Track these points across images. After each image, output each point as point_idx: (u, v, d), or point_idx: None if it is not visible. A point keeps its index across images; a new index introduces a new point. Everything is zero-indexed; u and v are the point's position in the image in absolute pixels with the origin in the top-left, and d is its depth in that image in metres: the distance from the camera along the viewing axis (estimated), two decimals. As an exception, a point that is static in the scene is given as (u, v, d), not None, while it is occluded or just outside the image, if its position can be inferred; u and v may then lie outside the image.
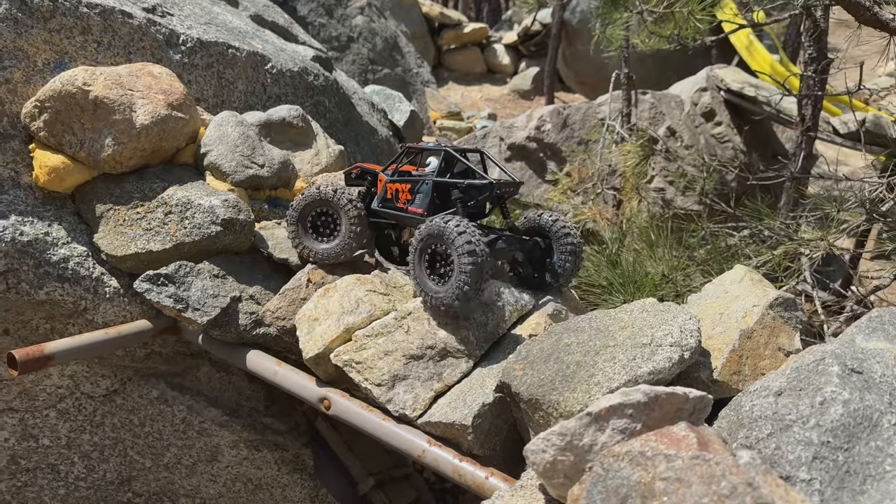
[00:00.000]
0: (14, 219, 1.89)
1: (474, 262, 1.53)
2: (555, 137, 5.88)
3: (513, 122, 6.00)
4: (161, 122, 1.99)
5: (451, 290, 1.57)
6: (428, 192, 1.82)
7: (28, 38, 2.01)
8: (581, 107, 6.12)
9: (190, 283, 1.88)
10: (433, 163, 1.88)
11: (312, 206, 1.94)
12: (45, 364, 1.75)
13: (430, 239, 1.62)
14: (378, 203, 1.94)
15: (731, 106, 6.43)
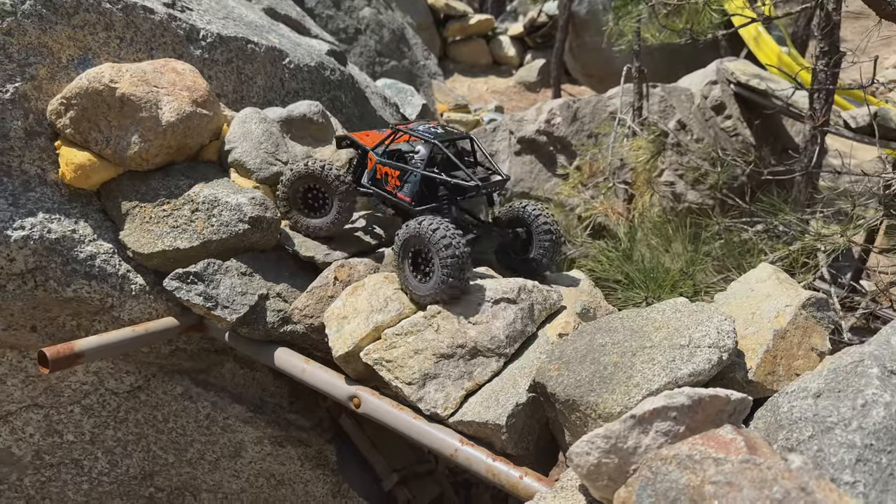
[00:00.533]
0: (41, 216, 1.89)
1: (452, 254, 1.62)
2: (565, 131, 5.86)
3: (523, 115, 5.98)
4: (186, 120, 1.99)
5: (433, 286, 1.67)
6: (416, 183, 1.86)
7: (52, 34, 2.00)
8: (591, 100, 6.09)
9: (218, 281, 1.88)
10: (422, 152, 1.90)
11: (302, 181, 1.99)
12: (74, 362, 1.75)
13: (410, 241, 1.71)
14: (368, 180, 2.00)
15: (741, 99, 6.41)
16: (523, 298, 1.74)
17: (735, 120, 6.53)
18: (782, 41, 8.75)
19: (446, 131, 1.92)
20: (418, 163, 1.87)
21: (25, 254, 1.85)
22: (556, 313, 1.81)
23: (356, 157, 2.08)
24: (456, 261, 1.62)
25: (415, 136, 1.90)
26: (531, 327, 1.72)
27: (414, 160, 1.90)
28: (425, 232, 1.65)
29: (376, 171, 1.96)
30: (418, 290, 1.72)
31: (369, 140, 2.06)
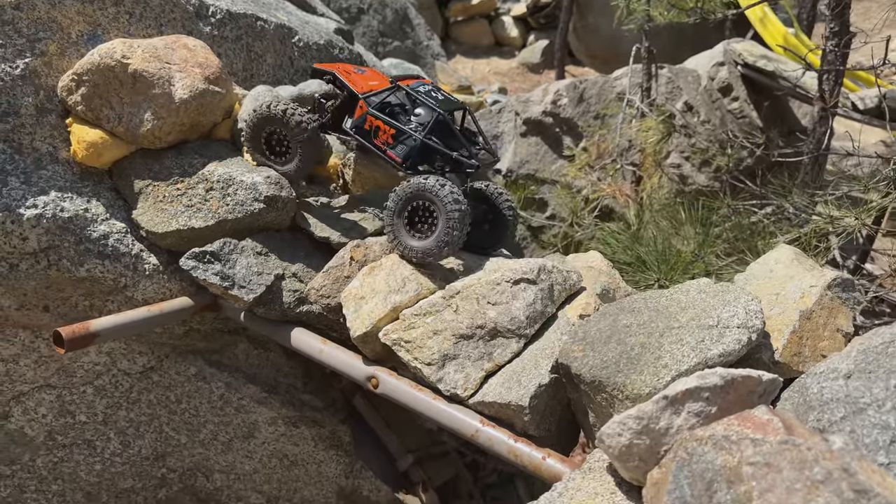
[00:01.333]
0: (54, 195, 1.86)
1: (459, 209, 1.66)
2: (571, 112, 5.81)
3: (528, 96, 5.92)
4: (199, 97, 1.95)
5: (434, 241, 1.69)
6: (414, 147, 1.82)
7: (62, 9, 1.96)
8: (598, 80, 6.04)
9: (235, 261, 1.86)
10: (423, 116, 1.85)
11: (263, 123, 1.91)
12: (90, 342, 1.73)
13: (413, 197, 1.71)
14: (351, 127, 1.91)
15: (748, 81, 6.34)
16: (543, 279, 1.72)
17: (742, 102, 6.48)
18: (788, 22, 8.66)
19: (446, 98, 1.89)
20: (418, 127, 1.83)
21: (38, 233, 1.82)
22: (576, 294, 1.79)
23: (338, 98, 1.97)
24: (462, 216, 1.67)
25: (418, 99, 1.85)
26: (551, 308, 1.71)
27: (412, 123, 1.85)
28: (433, 187, 1.67)
29: (365, 120, 1.89)
30: (415, 247, 1.73)
31: (358, 83, 1.94)
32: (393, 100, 1.91)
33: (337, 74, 1.96)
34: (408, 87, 1.87)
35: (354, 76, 1.98)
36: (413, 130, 1.81)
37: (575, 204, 4.84)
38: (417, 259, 1.75)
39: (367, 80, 1.98)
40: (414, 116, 1.87)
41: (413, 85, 1.89)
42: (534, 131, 5.88)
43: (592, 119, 5.94)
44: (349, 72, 2.00)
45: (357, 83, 1.94)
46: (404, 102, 1.92)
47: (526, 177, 5.75)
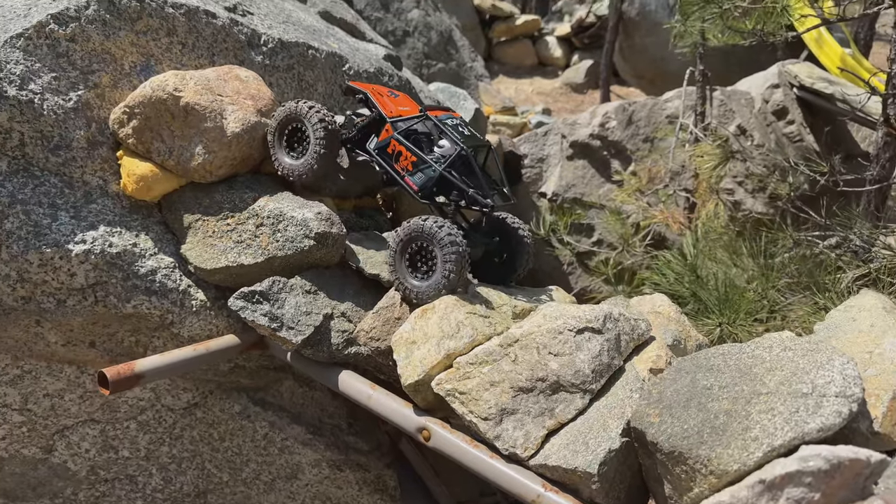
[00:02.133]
0: (103, 229, 1.83)
1: (456, 251, 1.68)
2: (619, 135, 5.68)
3: (575, 119, 5.81)
4: (251, 130, 1.91)
5: (435, 282, 1.71)
6: (432, 178, 1.84)
7: (116, 40, 1.94)
8: (647, 103, 5.89)
9: (283, 300, 1.79)
10: (446, 148, 1.87)
11: (288, 120, 1.94)
12: (135, 383, 1.68)
13: (412, 239, 1.74)
14: (375, 148, 1.94)
15: (804, 103, 6.12)
16: (609, 328, 1.60)
17: (798, 125, 6.24)
18: (845, 42, 8.37)
19: (472, 135, 1.90)
20: (439, 158, 1.84)
21: (86, 268, 1.79)
22: (645, 344, 1.67)
23: (367, 118, 2.00)
24: (459, 257, 1.68)
25: (444, 131, 1.86)
26: (618, 360, 1.59)
27: (435, 154, 1.87)
28: (430, 228, 1.69)
29: (390, 143, 1.91)
30: (416, 288, 1.75)
31: (388, 107, 1.98)
32: (420, 128, 1.93)
33: (369, 95, 1.99)
34: (436, 118, 1.88)
35: (386, 99, 2.01)
36: (434, 161, 1.82)
37: (625, 230, 4.69)
38: (418, 300, 1.75)
39: (397, 105, 2.00)
40: (437, 147, 1.89)
41: (441, 117, 1.90)
42: (581, 154, 5.76)
43: (641, 142, 5.79)
44: (382, 94, 2.03)
45: (387, 106, 1.97)
46: (431, 132, 1.93)
47: (572, 201, 5.63)
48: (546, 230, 4.96)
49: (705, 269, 3.54)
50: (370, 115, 1.99)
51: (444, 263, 1.69)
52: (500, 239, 1.99)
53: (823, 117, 5.87)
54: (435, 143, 1.91)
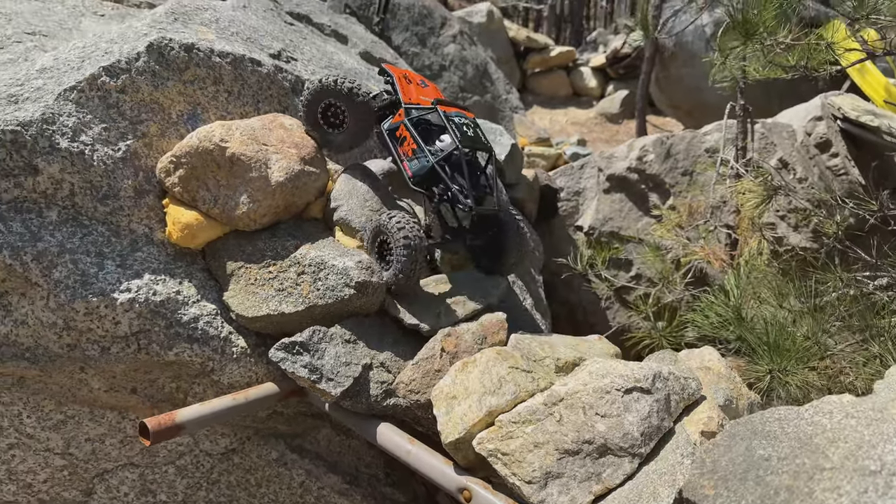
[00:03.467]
0: (147, 278, 1.85)
1: (409, 254, 1.79)
2: (658, 168, 5.61)
3: (612, 152, 5.76)
4: (295, 178, 1.92)
5: (390, 274, 1.84)
6: (425, 168, 1.92)
7: (164, 90, 1.98)
8: (685, 136, 5.82)
9: (323, 351, 1.78)
10: (446, 142, 1.95)
11: (321, 95, 2.01)
12: (175, 433, 1.68)
13: (378, 231, 1.87)
14: (386, 129, 2.04)
15: (848, 136, 5.97)
16: (659, 388, 1.55)
17: (842, 158, 6.08)
18: (889, 73, 8.19)
19: (475, 136, 1.99)
20: (437, 151, 1.93)
21: (130, 317, 1.80)
22: (695, 404, 1.61)
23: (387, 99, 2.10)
24: (411, 251, 1.78)
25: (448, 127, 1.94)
26: (668, 422, 1.53)
27: (435, 147, 1.96)
28: (385, 223, 1.82)
29: (399, 127, 2.00)
30: (386, 276, 1.86)
31: (409, 93, 2.07)
32: (434, 119, 2.02)
33: (394, 79, 2.09)
34: (445, 113, 1.97)
35: (412, 87, 2.10)
36: (431, 153, 1.92)
37: (665, 267, 4.59)
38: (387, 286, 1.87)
39: (421, 94, 2.09)
40: (439, 141, 1.98)
41: (451, 113, 1.99)
42: (618, 188, 5.70)
43: (680, 175, 5.71)
44: (409, 80, 2.13)
45: (408, 92, 2.06)
46: (441, 127, 2.01)
47: (609, 234, 5.55)
48: (583, 265, 4.89)
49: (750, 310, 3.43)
50: (390, 97, 2.09)
51: (398, 254, 1.80)
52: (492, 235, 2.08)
53: (869, 150, 5.72)
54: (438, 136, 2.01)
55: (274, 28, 2.67)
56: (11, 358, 1.77)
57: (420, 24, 7.07)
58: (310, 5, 3.74)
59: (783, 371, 2.84)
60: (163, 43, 1.98)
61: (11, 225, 1.72)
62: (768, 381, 2.84)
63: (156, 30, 2.06)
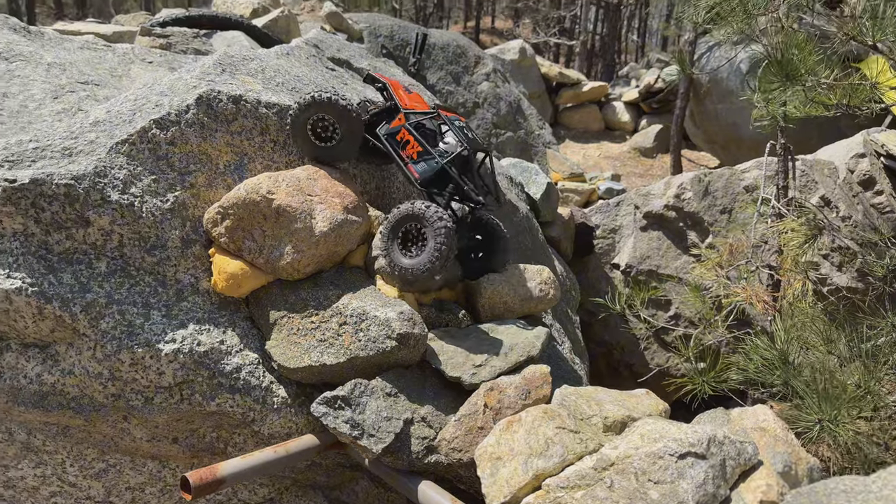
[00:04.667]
0: (192, 328, 1.86)
1: (445, 226, 1.82)
2: (696, 206, 5.53)
3: (649, 189, 5.71)
4: (338, 228, 1.92)
5: (426, 257, 1.83)
6: (433, 169, 1.99)
7: (212, 141, 2.02)
8: (724, 173, 5.74)
9: (364, 405, 1.75)
10: (451, 144, 2.05)
11: (312, 108, 2.03)
12: (216, 487, 1.66)
13: (406, 219, 1.88)
14: (384, 134, 2.08)
15: (893, 173, 5.83)
16: (714, 453, 1.48)
17: (888, 196, 5.93)
18: (932, 106, 7.99)
19: (474, 138, 2.08)
20: (444, 153, 2.02)
21: (174, 367, 1.81)
22: (752, 470, 1.54)
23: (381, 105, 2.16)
24: (448, 231, 1.81)
25: (452, 130, 2.03)
26: (724, 489, 1.46)
27: (440, 149, 2.04)
28: (419, 209, 1.84)
29: (400, 131, 2.07)
30: (409, 265, 1.85)
31: (404, 99, 2.15)
32: (429, 124, 2.11)
33: (388, 86, 2.17)
34: (448, 118, 2.07)
35: (402, 92, 2.19)
36: (438, 154, 2.00)
37: (706, 308, 4.48)
38: (412, 276, 1.85)
39: (412, 100, 2.18)
40: (442, 143, 2.07)
41: (451, 117, 2.09)
42: (655, 225, 5.62)
43: (719, 213, 5.62)
44: (398, 87, 2.21)
45: (403, 98, 2.15)
46: (437, 130, 2.11)
47: (647, 273, 5.47)
48: (621, 304, 4.81)
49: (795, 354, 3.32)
50: (385, 104, 2.16)
51: (435, 238, 1.81)
52: (483, 237, 2.18)
53: (917, 188, 5.57)
54: (440, 139, 2.10)
55: (316, 75, 2.71)
56: (58, 407, 1.79)
57: (454, 63, 7.15)
58: (350, 50, 3.81)
59: (833, 421, 2.72)
60: (212, 95, 2.02)
61: (62, 276, 1.75)
62: (818, 430, 2.73)
63: (205, 82, 2.11)
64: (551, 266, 3.83)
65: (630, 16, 18.66)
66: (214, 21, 4.73)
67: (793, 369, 3.13)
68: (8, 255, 1.72)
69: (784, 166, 4.68)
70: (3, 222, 1.73)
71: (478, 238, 2.19)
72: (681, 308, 5.37)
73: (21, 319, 1.74)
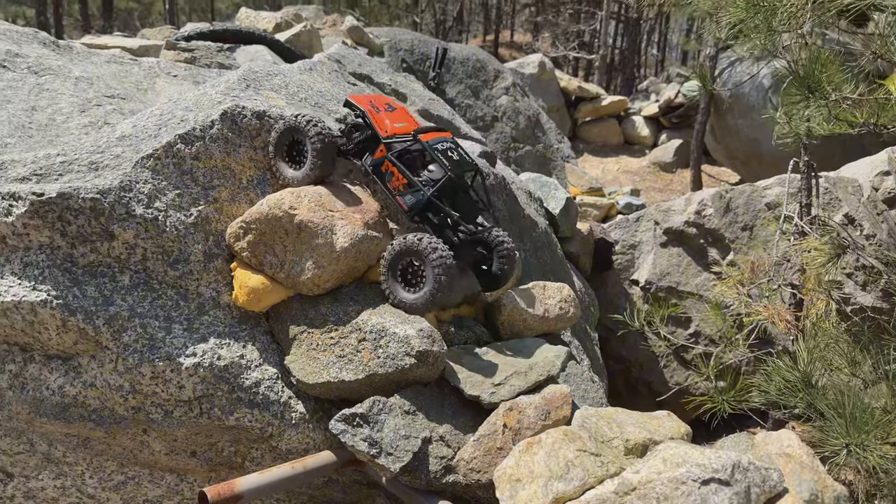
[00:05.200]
0: (213, 342, 1.87)
1: (443, 263, 1.80)
2: (717, 223, 5.47)
3: (669, 205, 5.66)
4: (358, 244, 1.93)
5: (426, 292, 1.83)
6: (422, 200, 1.96)
7: (236, 156, 2.03)
8: (745, 189, 5.68)
9: (383, 423, 1.75)
10: (435, 173, 1.99)
11: (288, 133, 2.00)
12: (234, 503, 1.66)
13: (402, 255, 1.88)
14: (370, 165, 2.06)
15: (919, 190, 5.73)
16: (738, 479, 1.46)
17: (913, 214, 5.84)
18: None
19: (460, 159, 2.03)
20: (429, 182, 1.97)
21: (195, 381, 1.82)
22: (777, 497, 1.51)
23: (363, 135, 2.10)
24: (447, 269, 1.80)
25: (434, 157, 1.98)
26: (749, 517, 1.43)
27: (424, 177, 1.99)
28: (412, 244, 1.83)
29: (383, 163, 2.04)
30: (411, 300, 1.87)
31: (384, 125, 2.07)
32: (414, 147, 2.04)
33: (366, 114, 2.10)
34: (426, 142, 1.99)
35: (383, 115, 2.10)
36: (423, 184, 1.96)
37: (726, 326, 4.43)
38: (417, 311, 1.86)
39: (394, 121, 2.10)
40: (427, 172, 2.01)
41: (432, 141, 2.01)
42: (675, 242, 5.57)
43: (740, 230, 5.56)
44: (379, 109, 2.12)
45: (383, 125, 2.07)
46: (419, 152, 2.05)
47: (667, 290, 5.41)
48: (640, 321, 4.77)
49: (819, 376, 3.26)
50: (366, 133, 2.10)
51: (433, 283, 1.81)
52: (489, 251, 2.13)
53: (943, 206, 5.48)
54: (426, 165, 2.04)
55: (338, 90, 2.73)
56: (79, 419, 1.80)
57: (473, 76, 7.18)
58: (371, 65, 3.84)
59: (861, 446, 2.66)
60: (236, 111, 2.04)
61: (86, 289, 1.77)
62: (844, 455, 2.67)
63: (229, 97, 2.13)
64: (570, 282, 3.80)
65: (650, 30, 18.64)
66: (238, 35, 4.79)
67: (817, 391, 3.08)
68: (34, 268, 1.75)
69: (807, 183, 4.62)
70: (31, 235, 1.76)
71: (481, 251, 2.17)
72: (701, 326, 5.30)
73: (45, 331, 1.75)
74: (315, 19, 8.48)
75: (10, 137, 2.15)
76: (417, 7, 17.93)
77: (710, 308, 4.62)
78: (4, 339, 1.79)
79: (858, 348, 3.66)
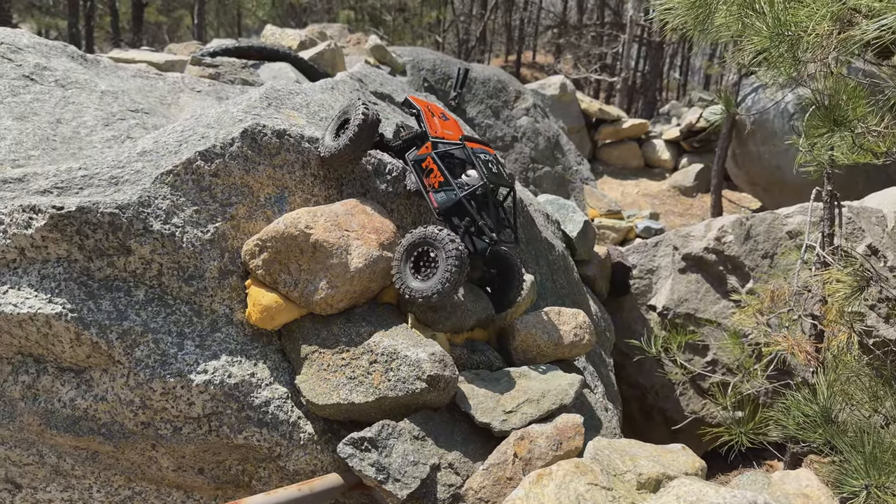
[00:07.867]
0: (224, 359, 1.86)
1: (456, 249, 1.83)
2: (737, 250, 5.41)
3: (689, 230, 5.61)
4: (372, 264, 1.92)
5: (436, 280, 1.83)
6: (452, 200, 2.03)
7: (255, 174, 2.04)
8: (766, 217, 5.61)
9: (391, 448, 1.73)
10: (473, 178, 2.06)
11: (343, 114, 2.13)
12: (239, 524, 1.64)
13: (420, 242, 1.89)
14: (412, 160, 2.14)
15: (946, 222, 5.62)
16: (755, 499, 1.41)
17: (939, 246, 5.72)
18: None
19: (499, 173, 2.11)
20: (463, 185, 2.04)
21: (204, 398, 1.81)
22: (794, 541, 1.46)
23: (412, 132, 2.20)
24: (459, 254, 1.82)
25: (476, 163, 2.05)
26: (765, 561, 1.39)
27: (461, 181, 2.06)
28: (432, 233, 1.86)
29: (426, 159, 2.10)
30: (419, 288, 1.86)
31: (435, 127, 2.18)
32: (458, 153, 2.13)
33: (422, 113, 2.21)
34: (472, 149, 2.10)
35: (436, 119, 2.21)
36: (458, 186, 2.03)
37: (745, 355, 4.35)
38: (421, 300, 1.85)
39: (445, 127, 2.21)
40: (465, 175, 2.08)
41: (476, 150, 2.10)
42: (694, 268, 5.51)
43: (760, 258, 5.48)
44: (434, 114, 2.23)
45: (434, 126, 2.17)
46: (465, 160, 2.12)
47: (685, 316, 5.34)
48: (657, 348, 4.70)
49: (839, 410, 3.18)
50: (416, 130, 2.19)
51: (446, 261, 1.82)
52: (498, 272, 2.21)
53: (970, 239, 5.38)
54: (464, 171, 2.11)
55: (359, 110, 2.74)
56: (88, 432, 1.80)
57: (494, 97, 7.20)
58: (392, 85, 3.86)
59: (881, 487, 2.58)
60: (256, 129, 2.05)
61: (101, 303, 1.78)
62: (865, 496, 2.60)
63: (251, 115, 2.15)
64: (586, 306, 3.76)
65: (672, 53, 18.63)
66: (262, 52, 4.85)
67: (836, 427, 3.00)
68: (51, 280, 1.76)
69: (830, 213, 4.56)
70: (49, 248, 1.77)
71: (493, 272, 2.21)
72: (718, 354, 5.22)
73: (59, 344, 1.76)
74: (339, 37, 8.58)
75: (34, 150, 2.18)
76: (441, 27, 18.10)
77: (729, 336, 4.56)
78: (19, 350, 1.80)
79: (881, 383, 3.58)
